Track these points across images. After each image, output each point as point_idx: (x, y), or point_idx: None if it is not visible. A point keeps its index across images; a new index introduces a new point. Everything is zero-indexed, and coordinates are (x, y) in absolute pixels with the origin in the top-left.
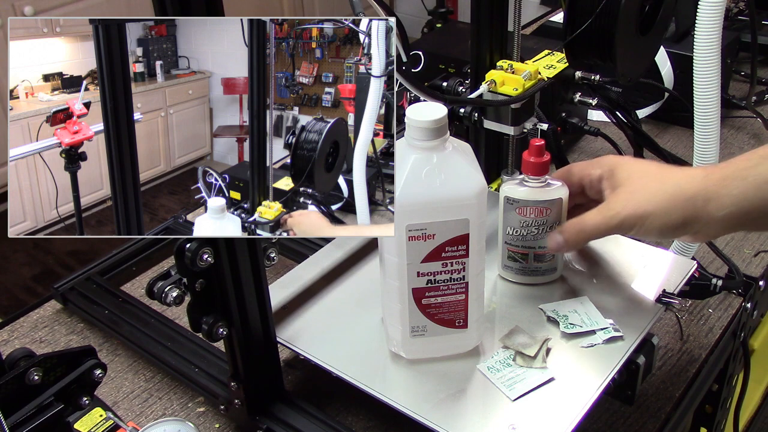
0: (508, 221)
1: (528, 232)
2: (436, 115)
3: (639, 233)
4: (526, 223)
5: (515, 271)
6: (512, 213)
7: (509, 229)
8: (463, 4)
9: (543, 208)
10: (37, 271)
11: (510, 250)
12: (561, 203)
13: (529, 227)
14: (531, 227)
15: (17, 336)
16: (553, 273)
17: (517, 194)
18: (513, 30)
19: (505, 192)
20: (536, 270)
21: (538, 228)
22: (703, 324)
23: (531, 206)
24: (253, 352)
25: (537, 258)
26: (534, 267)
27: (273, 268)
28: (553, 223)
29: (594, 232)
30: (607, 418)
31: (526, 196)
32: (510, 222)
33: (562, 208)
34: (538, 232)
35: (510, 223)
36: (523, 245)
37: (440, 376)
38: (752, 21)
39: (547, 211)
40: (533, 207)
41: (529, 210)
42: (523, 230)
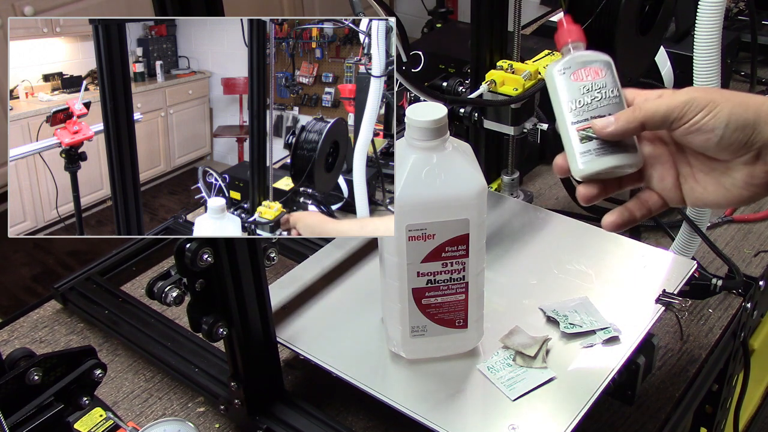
0: (567, 95)
1: (592, 98)
2: (436, 115)
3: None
4: (586, 87)
5: (595, 152)
6: (569, 82)
7: (572, 104)
8: (463, 4)
9: (597, 69)
10: (37, 271)
11: (580, 129)
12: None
13: (591, 92)
14: (593, 91)
15: (17, 336)
16: (635, 151)
17: (567, 62)
18: (513, 30)
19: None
20: (616, 144)
21: (599, 92)
22: (703, 324)
23: (586, 67)
24: (253, 352)
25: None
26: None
27: (273, 268)
28: (612, 87)
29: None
30: (607, 418)
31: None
32: (570, 94)
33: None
34: (600, 96)
35: (571, 96)
36: (591, 116)
37: (440, 376)
38: (752, 21)
39: (602, 72)
40: (588, 68)
41: (585, 72)
42: (587, 97)
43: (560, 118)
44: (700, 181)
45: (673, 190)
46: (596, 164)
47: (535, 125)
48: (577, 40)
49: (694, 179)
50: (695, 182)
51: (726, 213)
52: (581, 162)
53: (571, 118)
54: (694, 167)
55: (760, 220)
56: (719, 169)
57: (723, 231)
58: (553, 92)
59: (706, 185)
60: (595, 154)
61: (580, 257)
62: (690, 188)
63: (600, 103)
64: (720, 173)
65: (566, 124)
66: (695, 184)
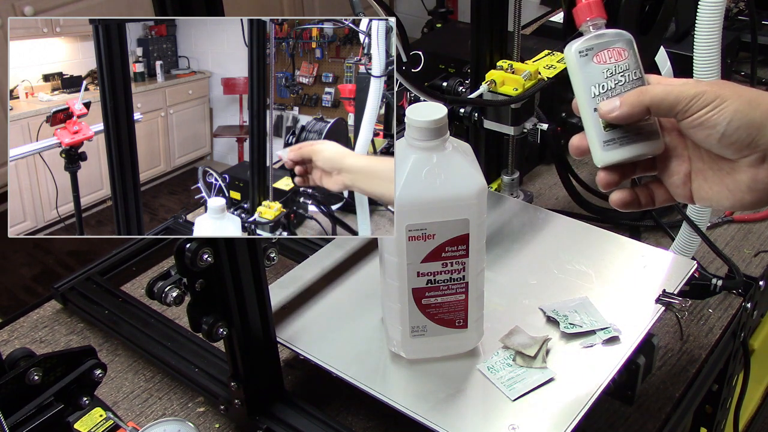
0: (589, 79)
1: (616, 82)
2: (436, 115)
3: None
4: (609, 71)
5: (620, 141)
6: (591, 66)
7: (594, 88)
8: (463, 4)
9: (620, 49)
10: (37, 271)
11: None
12: (632, 43)
13: (614, 75)
14: (616, 75)
15: (17, 336)
16: (657, 138)
17: (587, 43)
18: (513, 30)
19: (574, 48)
20: (640, 132)
21: (623, 75)
22: (703, 324)
23: (609, 48)
24: (253, 352)
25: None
26: (637, 128)
27: (273, 268)
28: (635, 68)
29: (660, 96)
30: (607, 418)
31: (598, 40)
32: (592, 78)
33: (635, 49)
34: (624, 80)
35: (593, 80)
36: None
37: (440, 376)
38: (752, 21)
39: (624, 52)
40: (611, 49)
41: (608, 54)
42: (609, 81)
43: (581, 102)
44: (708, 179)
45: (681, 185)
46: (620, 153)
47: (535, 125)
48: (597, 17)
49: (704, 177)
50: (704, 180)
51: (726, 213)
52: (604, 150)
53: (593, 104)
54: (706, 163)
55: (760, 220)
56: (725, 169)
57: (723, 231)
58: (574, 75)
59: (713, 184)
60: (619, 143)
61: (580, 257)
62: (699, 185)
63: (624, 87)
64: (725, 173)
65: (589, 110)
66: (704, 181)
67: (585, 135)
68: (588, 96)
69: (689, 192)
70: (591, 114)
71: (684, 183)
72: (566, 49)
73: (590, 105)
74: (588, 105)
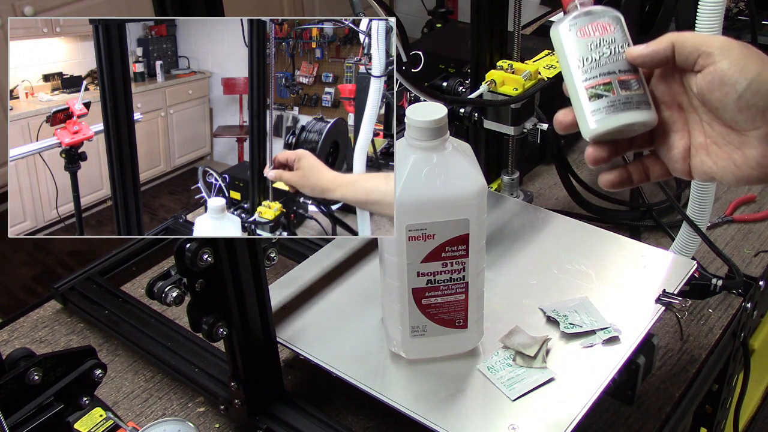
0: (574, 53)
1: (601, 54)
2: (436, 115)
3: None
4: (594, 44)
5: (606, 110)
6: (575, 40)
7: (579, 62)
8: (463, 4)
9: (606, 23)
10: (37, 271)
11: (589, 86)
12: (620, 19)
13: (599, 47)
14: (601, 47)
15: (17, 336)
16: (648, 108)
17: (573, 20)
18: (513, 30)
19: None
20: (628, 102)
21: (608, 47)
22: (703, 324)
23: (593, 22)
24: (253, 352)
25: (623, 85)
26: (624, 98)
27: (273, 268)
28: (622, 41)
29: (686, 35)
30: (607, 418)
31: (583, 16)
32: (578, 51)
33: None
34: (610, 52)
35: (579, 53)
36: (600, 73)
37: (440, 376)
38: (752, 21)
39: (610, 27)
40: (596, 23)
41: (592, 28)
42: (595, 54)
43: (568, 78)
44: (712, 154)
45: (681, 160)
46: (608, 122)
47: (535, 125)
48: None
49: (706, 151)
50: (706, 155)
51: (726, 213)
52: (592, 121)
53: (579, 76)
54: (709, 138)
55: (760, 220)
56: (734, 143)
57: (723, 231)
58: (560, 50)
59: (717, 159)
60: (605, 113)
61: (580, 257)
62: (700, 161)
63: (609, 59)
64: (734, 148)
65: (575, 84)
66: (706, 157)
67: (570, 110)
68: (575, 69)
69: (688, 167)
70: (577, 87)
71: (683, 158)
72: (552, 28)
73: (576, 78)
74: (574, 78)
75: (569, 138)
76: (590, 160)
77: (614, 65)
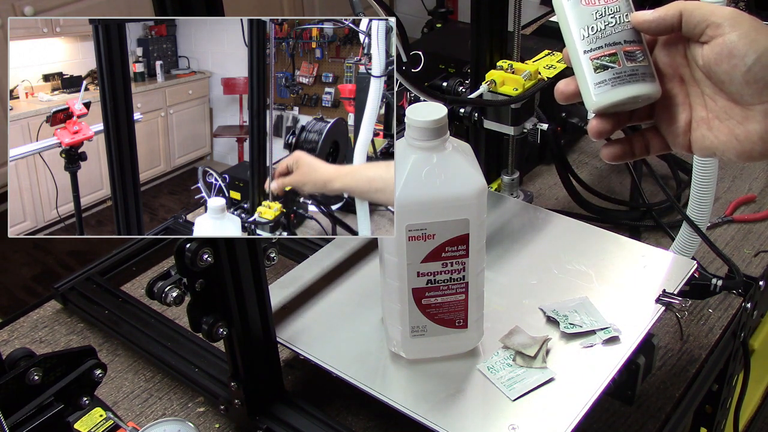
0: (579, 21)
1: (606, 23)
2: (436, 115)
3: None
4: (598, 12)
5: (611, 82)
6: (579, 8)
7: (584, 31)
8: (463, 4)
9: None
10: (37, 271)
11: (594, 57)
12: None
13: (604, 17)
14: (606, 16)
15: (17, 336)
16: (653, 80)
17: None
18: (513, 30)
19: None
20: (633, 73)
21: (613, 17)
22: (703, 324)
23: None
24: (253, 352)
25: (628, 56)
26: (629, 69)
27: (273, 268)
28: (627, 11)
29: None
30: (607, 418)
31: None
32: (581, 21)
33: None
34: (615, 22)
35: (582, 23)
36: (606, 43)
37: (440, 376)
38: None
39: None
40: None
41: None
42: (599, 23)
43: (571, 48)
44: (714, 129)
45: (681, 135)
46: (612, 95)
47: (535, 125)
48: None
49: (708, 126)
50: (708, 129)
51: (726, 213)
52: (596, 93)
53: (583, 46)
54: (711, 112)
55: (760, 220)
56: (737, 117)
57: (723, 231)
58: (563, 20)
59: (719, 134)
60: (611, 84)
61: (580, 257)
62: (701, 135)
63: (614, 29)
64: (736, 122)
65: (578, 54)
66: (708, 131)
67: (572, 80)
68: (578, 39)
69: (688, 142)
70: (580, 58)
71: (684, 132)
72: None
73: (580, 48)
74: (577, 49)
75: (569, 138)
76: (594, 132)
77: (619, 35)
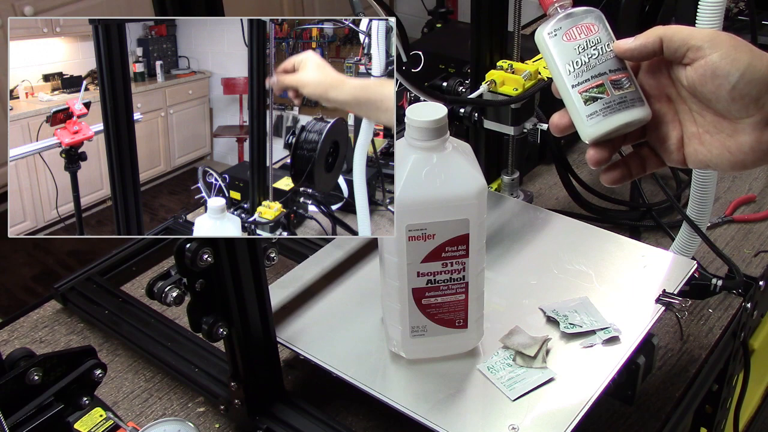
0: (563, 58)
1: (589, 56)
2: (436, 115)
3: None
4: (581, 46)
5: (603, 112)
6: (561, 44)
7: (569, 66)
8: (463, 4)
9: (589, 24)
10: (37, 271)
11: (583, 90)
12: (602, 18)
13: (586, 49)
14: (588, 49)
15: (17, 336)
16: (642, 104)
17: (556, 24)
18: (513, 30)
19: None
20: (623, 101)
21: (595, 48)
22: (703, 324)
23: (577, 25)
24: (253, 352)
25: (615, 85)
26: (618, 98)
27: (273, 268)
28: (608, 40)
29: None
30: (607, 418)
31: (566, 19)
32: (565, 57)
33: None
34: (598, 53)
35: (566, 58)
36: (592, 75)
37: (440, 376)
38: (752, 21)
39: (594, 27)
40: (579, 25)
41: (577, 30)
42: (583, 56)
43: (560, 83)
44: (705, 143)
45: (675, 151)
46: (605, 125)
47: (535, 125)
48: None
49: (699, 141)
50: (700, 144)
51: (726, 213)
52: (589, 125)
53: (570, 81)
54: (701, 127)
55: (760, 220)
56: (726, 131)
57: (723, 231)
58: (548, 57)
59: (711, 147)
60: (602, 115)
61: (580, 257)
62: (693, 150)
63: (598, 60)
64: (726, 136)
65: (567, 89)
66: (700, 146)
67: (565, 112)
68: (565, 74)
69: (683, 156)
70: (570, 92)
71: (677, 148)
72: (536, 34)
73: (568, 83)
74: (566, 84)
75: (569, 138)
76: (593, 162)
77: (604, 66)
